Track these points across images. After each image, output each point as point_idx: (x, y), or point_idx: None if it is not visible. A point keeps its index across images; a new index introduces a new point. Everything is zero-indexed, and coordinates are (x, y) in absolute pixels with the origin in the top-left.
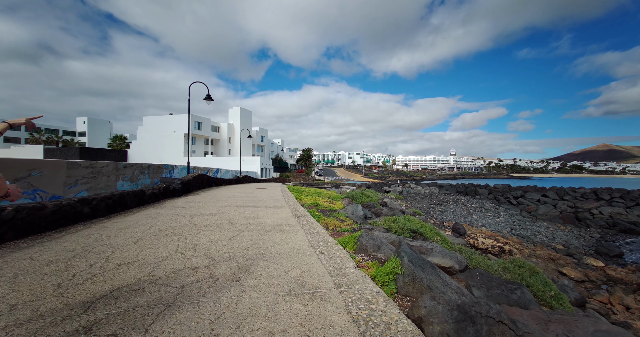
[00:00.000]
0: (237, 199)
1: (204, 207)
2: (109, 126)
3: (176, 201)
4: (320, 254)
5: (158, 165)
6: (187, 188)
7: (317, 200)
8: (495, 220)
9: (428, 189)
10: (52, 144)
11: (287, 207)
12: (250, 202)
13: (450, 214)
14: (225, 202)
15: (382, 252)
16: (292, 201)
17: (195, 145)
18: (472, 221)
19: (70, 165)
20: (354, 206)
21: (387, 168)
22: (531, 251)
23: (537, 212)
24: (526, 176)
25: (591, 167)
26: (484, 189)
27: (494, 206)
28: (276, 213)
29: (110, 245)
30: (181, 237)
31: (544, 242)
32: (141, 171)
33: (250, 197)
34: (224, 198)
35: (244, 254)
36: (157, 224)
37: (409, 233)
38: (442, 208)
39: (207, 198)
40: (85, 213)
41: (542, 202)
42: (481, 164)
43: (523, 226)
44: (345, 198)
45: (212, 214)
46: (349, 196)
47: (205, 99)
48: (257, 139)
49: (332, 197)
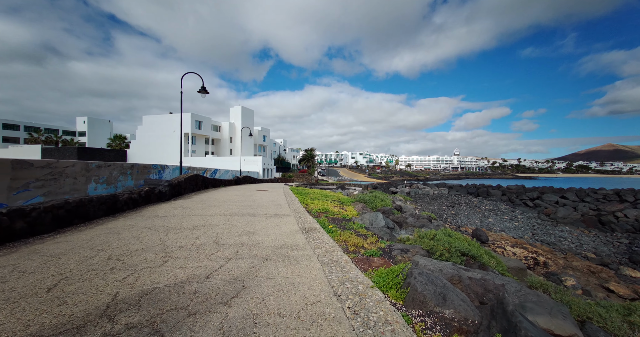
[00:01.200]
0: (232, 205)
1: (190, 216)
2: (110, 126)
3: (159, 208)
4: (353, 317)
5: (144, 165)
6: (177, 191)
7: (325, 205)
8: (514, 224)
9: (437, 190)
10: (51, 144)
11: (291, 216)
12: (247, 209)
13: (465, 218)
14: (218, 209)
15: (451, 305)
16: (296, 206)
17: (196, 144)
18: (489, 225)
19: (17, 165)
20: (373, 215)
21: (390, 168)
22: (565, 262)
23: (557, 215)
24: (532, 176)
25: (597, 167)
26: (497, 190)
27: (509, 208)
28: (278, 226)
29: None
30: (131, 275)
31: (571, 250)
32: (122, 171)
33: (248, 202)
34: (217, 203)
35: (219, 322)
36: (112, 246)
37: (458, 257)
38: (456, 211)
39: (198, 203)
40: (15, 230)
41: (560, 204)
42: (485, 164)
43: (544, 230)
44: (356, 202)
45: (196, 228)
46: (360, 199)
47: (200, 91)
48: (259, 138)
49: (341, 200)
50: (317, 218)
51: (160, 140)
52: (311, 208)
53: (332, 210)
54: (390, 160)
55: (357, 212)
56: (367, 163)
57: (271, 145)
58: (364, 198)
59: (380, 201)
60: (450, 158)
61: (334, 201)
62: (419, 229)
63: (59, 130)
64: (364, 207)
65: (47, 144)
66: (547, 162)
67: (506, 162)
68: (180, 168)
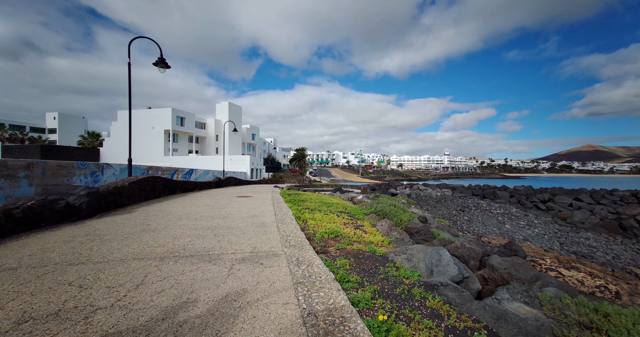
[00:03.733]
0: (185, 228)
1: (73, 264)
2: (84, 122)
3: (41, 240)
4: None
5: (58, 163)
6: (113, 201)
7: (331, 223)
8: (534, 231)
9: (440, 192)
10: (16, 142)
11: (281, 257)
12: (206, 239)
13: (481, 225)
14: (154, 240)
15: None
16: (290, 227)
17: (178, 142)
18: (508, 232)
19: None
20: (429, 253)
21: (382, 168)
22: (631, 288)
23: (573, 219)
24: (519, 175)
25: (580, 166)
26: (504, 191)
27: (521, 211)
28: (251, 305)
29: None
30: None
31: (610, 263)
32: (4, 173)
33: (216, 220)
34: (164, 224)
35: None
36: None
37: None
38: (468, 216)
39: (128, 226)
40: None
41: (575, 207)
42: (474, 163)
43: (570, 238)
44: (372, 215)
45: (58, 315)
46: (377, 210)
47: (157, 64)
48: (248, 137)
49: (350, 211)
50: (328, 258)
51: (138, 138)
52: (313, 230)
53: (346, 234)
54: (382, 161)
55: (386, 236)
56: (359, 163)
57: (261, 144)
58: (382, 209)
59: (403, 211)
60: (440, 158)
61: (342, 214)
62: (541, 290)
63: (26, 127)
64: (391, 226)
65: (12, 141)
66: (532, 162)
67: (494, 162)
68: (129, 167)
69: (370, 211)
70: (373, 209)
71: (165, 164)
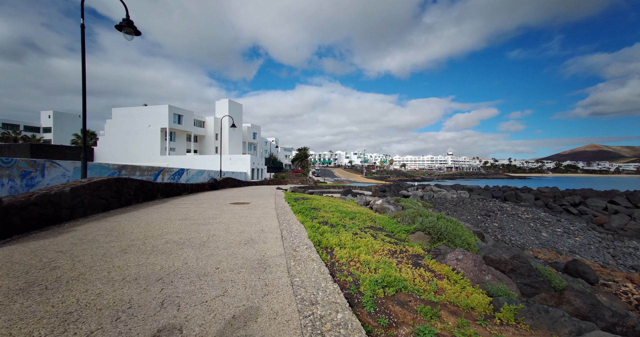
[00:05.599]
0: (111, 285)
1: None
2: (80, 121)
3: None
4: None
5: None
6: (32, 217)
7: (372, 253)
8: (576, 240)
9: (456, 194)
10: (9, 141)
11: None
12: (126, 330)
13: (516, 233)
14: (2, 332)
15: None
16: (309, 268)
17: (175, 141)
18: (548, 242)
19: None
20: None
21: (384, 168)
22: None
23: (611, 225)
24: (524, 175)
25: (585, 166)
26: (528, 193)
27: (552, 216)
28: None
29: None
30: None
31: None
32: None
33: (183, 256)
34: (77, 269)
35: None
36: None
37: None
38: (498, 222)
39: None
40: None
41: (611, 210)
42: (477, 163)
43: (617, 248)
44: (417, 232)
45: None
46: (428, 228)
47: (121, 28)
48: (249, 136)
49: (385, 227)
50: None
51: (133, 136)
52: (350, 272)
53: (411, 282)
54: (385, 160)
55: (478, 285)
56: (362, 163)
57: (262, 143)
58: (433, 225)
59: (461, 227)
60: (444, 158)
61: (376, 232)
62: None
63: (20, 126)
64: (477, 263)
65: (5, 140)
66: (537, 162)
67: (497, 162)
68: (84, 167)
69: (415, 227)
70: (419, 225)
71: (162, 164)
